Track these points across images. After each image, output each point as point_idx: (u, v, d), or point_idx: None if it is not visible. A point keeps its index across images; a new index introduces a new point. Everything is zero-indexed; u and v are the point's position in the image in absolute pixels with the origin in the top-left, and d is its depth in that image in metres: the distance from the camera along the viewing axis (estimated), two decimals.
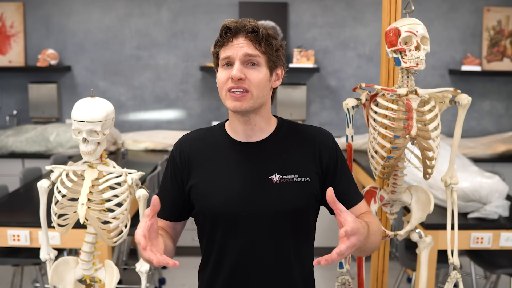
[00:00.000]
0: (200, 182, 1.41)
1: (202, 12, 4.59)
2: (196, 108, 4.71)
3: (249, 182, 1.38)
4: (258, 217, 1.36)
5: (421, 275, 1.88)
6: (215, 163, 1.41)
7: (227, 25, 1.33)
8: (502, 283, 3.26)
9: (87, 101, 1.62)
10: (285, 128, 1.46)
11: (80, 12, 4.58)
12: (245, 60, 1.32)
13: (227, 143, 1.43)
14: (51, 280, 1.75)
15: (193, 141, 1.47)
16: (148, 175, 3.36)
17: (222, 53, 1.35)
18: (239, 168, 1.39)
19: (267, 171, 1.38)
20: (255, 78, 1.33)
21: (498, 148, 4.29)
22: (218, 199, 1.38)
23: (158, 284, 3.70)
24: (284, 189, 1.37)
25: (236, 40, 1.33)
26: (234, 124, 1.42)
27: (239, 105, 1.33)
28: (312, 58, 4.46)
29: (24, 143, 4.21)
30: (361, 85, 1.73)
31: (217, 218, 1.39)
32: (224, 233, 1.39)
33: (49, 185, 1.71)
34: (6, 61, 4.58)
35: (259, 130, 1.41)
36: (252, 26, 1.32)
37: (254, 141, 1.42)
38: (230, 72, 1.33)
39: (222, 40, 1.34)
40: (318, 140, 1.44)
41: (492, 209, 2.61)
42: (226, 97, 1.35)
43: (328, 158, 1.43)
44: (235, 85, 1.32)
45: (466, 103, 1.72)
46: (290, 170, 1.39)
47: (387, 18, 1.82)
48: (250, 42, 1.32)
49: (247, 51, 1.32)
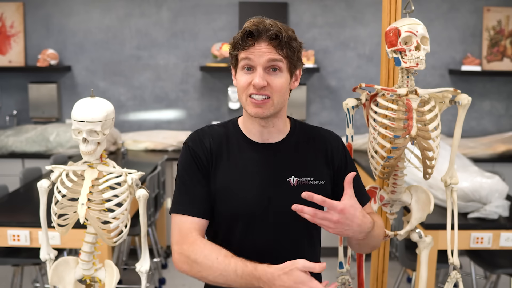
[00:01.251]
0: (220, 182, 1.39)
1: (202, 12, 4.59)
2: (196, 108, 4.71)
3: (268, 184, 1.38)
4: (276, 218, 1.37)
5: (421, 275, 1.88)
6: (233, 163, 1.40)
7: (249, 29, 1.30)
8: (502, 283, 3.26)
9: (87, 101, 1.62)
10: (298, 130, 1.47)
11: (80, 12, 4.58)
12: (268, 66, 1.31)
13: (244, 143, 1.42)
14: (51, 280, 1.75)
15: (211, 137, 1.42)
16: (148, 175, 3.36)
17: (242, 56, 1.32)
18: (258, 170, 1.39)
19: (284, 174, 1.39)
20: (277, 84, 1.32)
21: (498, 148, 4.29)
22: (237, 199, 1.37)
23: (158, 284, 3.70)
24: (301, 192, 1.36)
25: (258, 45, 1.30)
26: (251, 125, 1.41)
27: (261, 112, 1.33)
28: (312, 58, 4.46)
29: (24, 143, 4.21)
30: (361, 85, 1.73)
31: (236, 218, 1.38)
32: (241, 233, 1.38)
33: (49, 185, 1.71)
34: (6, 61, 4.58)
35: (275, 131, 1.42)
36: (275, 32, 1.29)
37: (271, 142, 1.42)
38: (251, 77, 1.31)
39: (243, 44, 1.31)
40: (329, 142, 1.46)
41: (492, 209, 2.61)
42: (246, 103, 1.34)
43: (339, 161, 1.46)
44: (257, 92, 1.31)
45: (466, 103, 1.72)
46: (306, 173, 1.40)
47: (387, 18, 1.82)
48: (273, 47, 1.30)
49: (270, 57, 1.30)
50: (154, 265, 3.69)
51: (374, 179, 2.06)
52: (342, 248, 1.94)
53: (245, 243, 1.38)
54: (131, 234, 3.26)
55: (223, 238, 1.41)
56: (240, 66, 1.34)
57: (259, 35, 1.30)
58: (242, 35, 1.31)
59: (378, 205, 1.85)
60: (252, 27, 1.30)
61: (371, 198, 1.84)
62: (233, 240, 1.39)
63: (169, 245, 4.17)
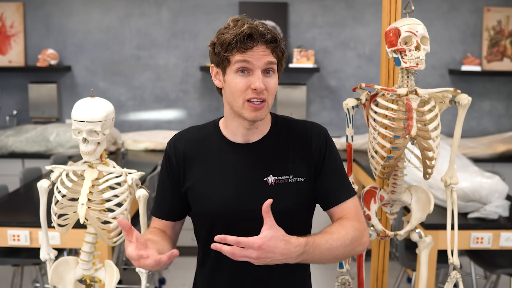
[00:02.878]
0: (196, 184, 1.41)
1: (202, 12, 4.59)
2: (196, 108, 4.71)
3: (245, 184, 1.38)
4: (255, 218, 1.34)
5: (421, 275, 1.88)
6: (211, 164, 1.41)
7: (248, 32, 1.28)
8: (502, 283, 3.26)
9: (87, 101, 1.62)
10: (279, 125, 1.45)
11: (80, 12, 4.58)
12: (265, 68, 1.31)
13: (223, 144, 1.42)
14: (51, 280, 1.75)
15: (187, 140, 1.46)
16: (148, 175, 3.36)
17: (238, 58, 1.30)
18: (235, 170, 1.39)
19: (262, 173, 1.38)
20: (272, 86, 1.33)
21: (498, 148, 4.29)
22: (214, 201, 1.38)
23: (158, 284, 3.70)
24: (279, 191, 1.38)
25: (257, 48, 1.29)
26: (234, 127, 1.41)
27: (259, 115, 1.33)
28: (312, 58, 4.46)
29: (24, 143, 4.21)
30: (361, 85, 1.73)
31: (214, 220, 1.40)
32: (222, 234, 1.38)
33: (49, 185, 1.71)
34: (6, 61, 4.58)
35: (258, 132, 1.42)
36: (272, 35, 1.31)
37: (250, 142, 1.42)
38: (248, 79, 1.30)
39: (241, 46, 1.29)
40: (310, 135, 1.43)
41: (492, 209, 2.61)
42: (243, 107, 1.32)
43: (318, 154, 1.42)
44: (257, 96, 1.30)
45: (466, 103, 1.72)
46: (284, 171, 1.39)
47: (387, 18, 1.82)
48: (270, 50, 1.31)
49: (268, 60, 1.30)
50: None
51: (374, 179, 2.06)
52: None
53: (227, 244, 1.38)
54: None
55: (206, 239, 1.43)
56: (234, 68, 1.31)
57: (258, 38, 1.29)
58: (240, 37, 1.28)
59: (378, 205, 1.85)
60: (250, 29, 1.29)
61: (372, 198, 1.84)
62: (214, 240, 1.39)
63: None
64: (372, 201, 1.84)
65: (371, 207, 1.83)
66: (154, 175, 3.47)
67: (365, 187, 1.86)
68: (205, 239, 1.44)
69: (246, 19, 1.33)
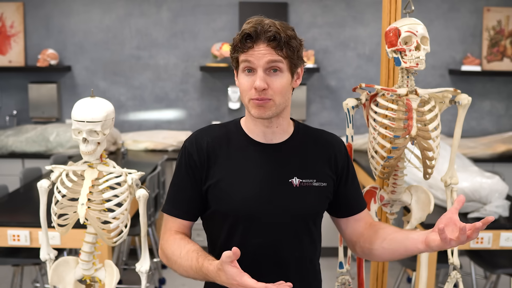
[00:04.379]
0: (220, 181, 1.38)
1: (202, 12, 4.59)
2: (196, 108, 4.71)
3: (270, 184, 1.37)
4: (278, 219, 1.37)
5: (421, 275, 1.88)
6: (235, 162, 1.39)
7: (247, 31, 1.29)
8: (502, 283, 3.26)
9: (87, 101, 1.62)
10: (302, 131, 1.47)
11: (80, 12, 4.58)
12: (268, 67, 1.30)
13: (246, 143, 1.41)
14: (51, 280, 1.75)
15: (209, 137, 1.43)
16: (148, 175, 3.36)
17: (242, 58, 1.32)
18: (260, 170, 1.38)
19: (287, 174, 1.39)
20: (278, 86, 1.32)
21: (498, 148, 4.29)
22: (239, 199, 1.36)
23: (158, 284, 3.70)
24: (303, 193, 1.38)
25: (257, 47, 1.30)
26: (253, 125, 1.41)
27: (263, 112, 1.32)
28: (312, 58, 4.46)
29: (24, 143, 4.21)
30: (361, 85, 1.73)
31: (237, 218, 1.38)
32: (243, 233, 1.38)
33: (49, 185, 1.71)
34: (6, 61, 4.58)
35: (280, 132, 1.42)
36: (274, 32, 1.29)
37: (274, 142, 1.42)
38: (252, 79, 1.31)
39: (242, 46, 1.31)
40: (333, 146, 1.46)
41: (492, 209, 2.61)
42: (249, 105, 1.34)
43: (342, 164, 1.46)
44: (259, 97, 1.30)
45: (466, 103, 1.72)
46: (309, 174, 1.40)
47: (387, 18, 1.82)
48: (272, 49, 1.30)
49: (269, 59, 1.29)
50: (154, 265, 3.69)
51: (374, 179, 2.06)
52: (342, 248, 1.94)
53: (247, 242, 1.38)
54: (131, 234, 3.26)
55: (225, 238, 1.41)
56: (241, 68, 1.34)
57: (258, 36, 1.29)
58: (240, 37, 1.31)
59: (378, 205, 1.85)
60: (250, 29, 1.30)
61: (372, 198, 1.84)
62: (235, 239, 1.39)
63: None
64: (372, 201, 1.84)
65: (371, 207, 1.83)
66: (154, 175, 3.47)
67: (365, 187, 1.86)
68: (224, 238, 1.41)
69: (260, 19, 1.33)
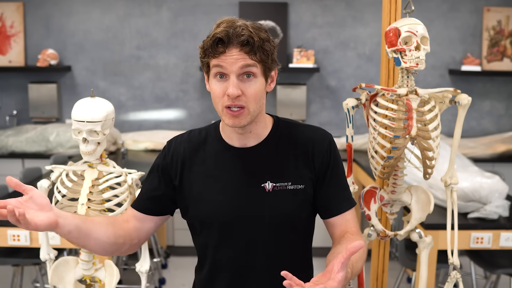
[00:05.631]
0: (193, 186, 1.38)
1: (202, 12, 4.59)
2: (196, 108, 4.71)
3: (242, 189, 1.35)
4: (252, 224, 1.34)
5: (421, 275, 1.88)
6: (208, 167, 1.38)
7: (219, 36, 1.23)
8: (502, 283, 3.26)
9: (87, 101, 1.62)
10: (280, 130, 1.40)
11: (80, 12, 4.58)
12: (241, 72, 1.24)
13: (222, 147, 1.39)
14: (51, 280, 1.75)
15: (187, 143, 1.43)
16: None
17: (213, 63, 1.26)
18: (232, 175, 1.36)
19: (260, 179, 1.34)
20: (252, 92, 1.26)
21: (498, 148, 4.29)
22: (210, 204, 1.36)
23: (158, 284, 3.70)
24: (276, 197, 1.34)
25: (229, 52, 1.23)
26: (228, 131, 1.38)
27: (238, 121, 1.27)
28: (312, 58, 4.46)
29: (24, 143, 4.21)
30: (361, 85, 1.73)
31: (210, 224, 1.37)
32: (218, 239, 1.37)
33: (49, 185, 1.71)
34: (6, 61, 4.58)
35: (253, 136, 1.37)
36: (247, 36, 1.22)
37: (248, 146, 1.37)
38: (225, 85, 1.25)
39: (213, 51, 1.24)
40: (312, 143, 1.38)
41: (492, 209, 2.61)
42: (223, 113, 1.28)
43: (320, 163, 1.38)
44: (232, 103, 1.25)
45: (466, 103, 1.72)
46: (283, 178, 1.35)
47: (387, 18, 1.82)
48: (245, 53, 1.23)
49: (243, 63, 1.23)
50: (154, 265, 3.69)
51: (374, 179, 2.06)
52: None
53: (222, 249, 1.37)
54: None
55: (202, 243, 1.41)
56: (212, 73, 1.27)
57: (230, 41, 1.22)
58: (211, 41, 1.24)
59: (378, 205, 1.85)
60: (221, 33, 1.23)
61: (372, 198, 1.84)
62: (210, 245, 1.39)
63: (169, 245, 4.17)
64: (372, 201, 1.84)
65: (371, 207, 1.83)
66: None
67: (365, 187, 1.86)
68: (201, 243, 1.42)
69: (231, 21, 1.26)
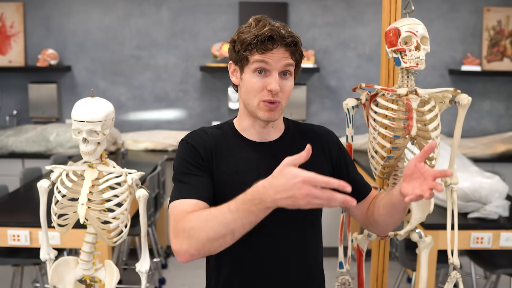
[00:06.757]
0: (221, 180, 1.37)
1: (202, 12, 4.59)
2: (196, 108, 4.71)
3: None
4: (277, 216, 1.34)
5: (421, 275, 1.88)
6: (233, 162, 1.39)
7: (269, 34, 1.31)
8: (502, 283, 3.26)
9: (87, 101, 1.62)
10: (292, 127, 1.49)
11: (80, 12, 4.59)
12: (282, 70, 1.34)
13: (241, 142, 1.42)
14: (51, 280, 1.75)
15: (209, 136, 1.41)
16: (148, 175, 3.36)
17: (256, 58, 1.32)
18: (257, 168, 1.38)
19: None
20: (288, 89, 1.36)
21: (498, 148, 4.29)
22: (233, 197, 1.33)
23: (158, 284, 3.70)
24: None
25: (277, 50, 1.32)
26: (250, 125, 1.42)
27: (273, 115, 1.35)
28: (312, 58, 4.46)
29: (24, 143, 4.21)
30: (361, 85, 1.73)
31: None
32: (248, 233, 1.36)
33: (49, 185, 1.71)
34: (6, 61, 4.58)
35: (274, 131, 1.44)
36: (293, 38, 1.33)
37: (268, 140, 1.43)
38: (264, 81, 1.33)
39: (261, 47, 1.31)
40: (325, 138, 1.48)
41: (492, 209, 2.61)
42: (258, 107, 1.35)
43: (336, 154, 1.47)
44: (272, 98, 1.33)
45: (466, 103, 1.72)
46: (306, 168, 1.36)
47: (387, 18, 1.82)
48: (289, 53, 1.33)
49: (286, 62, 1.33)
50: (154, 265, 3.69)
51: (374, 179, 2.06)
52: (342, 248, 1.94)
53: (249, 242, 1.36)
54: (131, 234, 3.26)
55: None
56: (251, 67, 1.34)
57: (278, 40, 1.31)
58: (262, 38, 1.31)
59: None
60: (271, 31, 1.31)
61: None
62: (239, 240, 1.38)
63: (169, 245, 4.16)
64: None
65: None
66: (154, 175, 3.47)
67: None
68: None
69: (268, 20, 1.36)
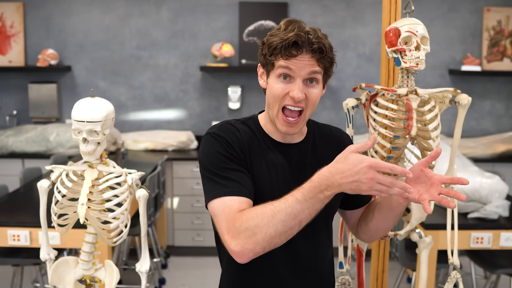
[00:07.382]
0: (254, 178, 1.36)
1: (202, 12, 4.59)
2: (196, 108, 4.71)
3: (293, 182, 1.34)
4: None
5: (421, 275, 1.88)
6: (263, 160, 1.37)
7: (295, 39, 1.27)
8: (502, 283, 3.26)
9: (87, 101, 1.62)
10: (313, 128, 1.48)
11: (80, 12, 4.59)
12: (307, 78, 1.30)
13: (267, 142, 1.41)
14: (51, 280, 1.75)
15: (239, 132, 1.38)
16: (148, 175, 3.36)
17: (281, 63, 1.29)
18: (283, 168, 1.38)
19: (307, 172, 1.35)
20: (313, 97, 1.32)
21: (498, 148, 4.29)
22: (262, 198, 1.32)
23: (158, 284, 3.70)
24: None
25: (302, 56, 1.28)
26: (274, 129, 1.40)
27: (292, 130, 1.34)
28: None
29: (24, 143, 4.21)
30: (361, 85, 1.73)
31: None
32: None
33: (49, 185, 1.71)
34: (6, 61, 4.58)
35: (297, 135, 1.42)
36: (320, 44, 1.29)
37: (292, 142, 1.42)
38: (288, 87, 1.30)
39: (285, 53, 1.27)
40: (341, 140, 1.48)
41: (492, 209, 2.61)
42: (277, 116, 1.33)
43: None
44: (294, 104, 1.30)
45: (466, 103, 1.72)
46: None
47: (387, 18, 1.82)
48: (315, 60, 1.29)
49: (311, 70, 1.29)
50: (154, 265, 3.69)
51: None
52: (342, 248, 1.94)
53: None
54: (131, 234, 3.26)
55: None
56: (276, 73, 1.31)
57: (304, 46, 1.27)
58: (287, 43, 1.27)
59: None
60: (296, 37, 1.27)
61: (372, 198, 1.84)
62: None
63: (169, 245, 4.17)
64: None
65: None
66: (154, 175, 3.47)
67: None
68: None
69: (299, 23, 1.31)
